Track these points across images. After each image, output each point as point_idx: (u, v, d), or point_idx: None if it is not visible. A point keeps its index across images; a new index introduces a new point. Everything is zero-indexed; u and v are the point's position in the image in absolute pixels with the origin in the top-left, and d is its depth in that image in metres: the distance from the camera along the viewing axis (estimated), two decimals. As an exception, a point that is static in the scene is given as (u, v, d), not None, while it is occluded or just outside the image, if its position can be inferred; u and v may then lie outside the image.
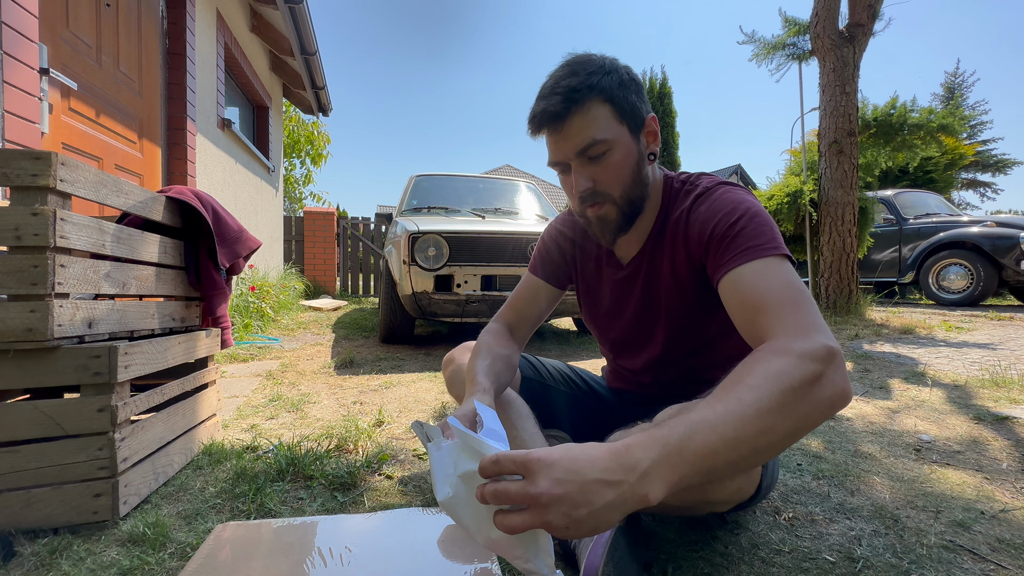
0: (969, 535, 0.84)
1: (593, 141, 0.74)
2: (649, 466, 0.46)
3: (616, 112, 0.75)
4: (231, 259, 1.26)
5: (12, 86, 1.55)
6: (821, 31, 3.98)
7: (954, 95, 19.14)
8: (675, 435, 0.47)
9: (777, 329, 0.58)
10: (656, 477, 0.46)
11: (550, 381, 1.05)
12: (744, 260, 0.68)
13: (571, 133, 0.74)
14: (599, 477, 0.45)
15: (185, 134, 2.85)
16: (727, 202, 0.75)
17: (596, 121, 0.74)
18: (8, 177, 0.77)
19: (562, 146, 0.76)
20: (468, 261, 2.54)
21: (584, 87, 0.73)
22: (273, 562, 0.74)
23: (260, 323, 3.41)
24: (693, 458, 0.46)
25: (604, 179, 0.77)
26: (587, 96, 0.73)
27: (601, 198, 0.78)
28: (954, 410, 1.57)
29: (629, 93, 0.76)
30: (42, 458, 0.82)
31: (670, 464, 0.46)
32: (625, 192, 0.78)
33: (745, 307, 0.65)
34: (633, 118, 0.76)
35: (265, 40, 4.71)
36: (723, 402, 0.49)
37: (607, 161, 0.76)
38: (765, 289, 0.63)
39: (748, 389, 0.50)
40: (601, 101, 0.74)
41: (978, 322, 3.51)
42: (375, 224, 7.17)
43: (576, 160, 0.76)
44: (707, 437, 0.47)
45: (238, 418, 1.52)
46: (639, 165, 0.79)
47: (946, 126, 4.30)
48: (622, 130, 0.76)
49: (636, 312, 0.91)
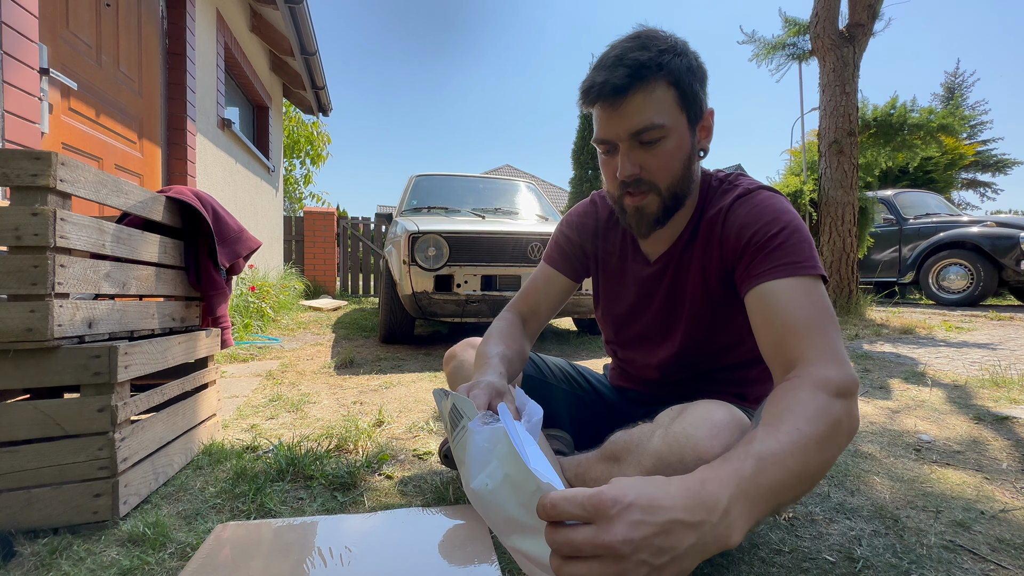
0: (969, 535, 0.84)
1: (651, 124, 0.69)
2: (729, 503, 0.41)
3: (679, 98, 0.70)
4: (231, 259, 1.26)
5: (12, 86, 1.55)
6: (821, 31, 3.98)
7: (954, 95, 19.13)
8: (747, 469, 0.44)
9: (810, 355, 0.59)
10: (737, 516, 0.42)
11: (552, 379, 1.05)
12: (779, 275, 0.66)
13: (629, 112, 0.69)
14: (680, 518, 0.39)
15: (185, 134, 2.85)
16: (769, 210, 0.72)
17: (658, 103, 0.69)
18: (8, 177, 0.77)
19: (616, 124, 0.71)
20: (468, 261, 2.54)
21: (654, 64, 0.68)
22: (273, 562, 0.74)
23: (260, 323, 3.41)
24: (768, 493, 0.44)
25: (653, 167, 0.72)
26: (654, 75, 0.68)
27: (645, 187, 0.74)
28: (954, 410, 1.57)
29: (695, 81, 0.72)
30: (42, 458, 0.82)
31: (749, 501, 0.43)
32: (672, 185, 0.74)
33: (774, 324, 0.64)
34: (694, 108, 0.72)
35: (265, 40, 4.71)
36: (785, 434, 0.48)
37: (660, 149, 0.71)
38: (798, 310, 0.63)
39: (807, 422, 0.50)
40: (667, 84, 0.69)
41: (978, 322, 3.51)
42: (375, 224, 7.17)
43: (627, 142, 0.71)
44: (777, 471, 0.45)
45: (238, 418, 1.52)
46: (690, 158, 0.75)
47: (946, 126, 4.30)
48: (681, 119, 0.72)
49: (659, 311, 0.88)
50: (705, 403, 0.67)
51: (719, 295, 0.80)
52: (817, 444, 0.49)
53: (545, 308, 0.98)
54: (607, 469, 0.74)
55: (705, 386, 0.89)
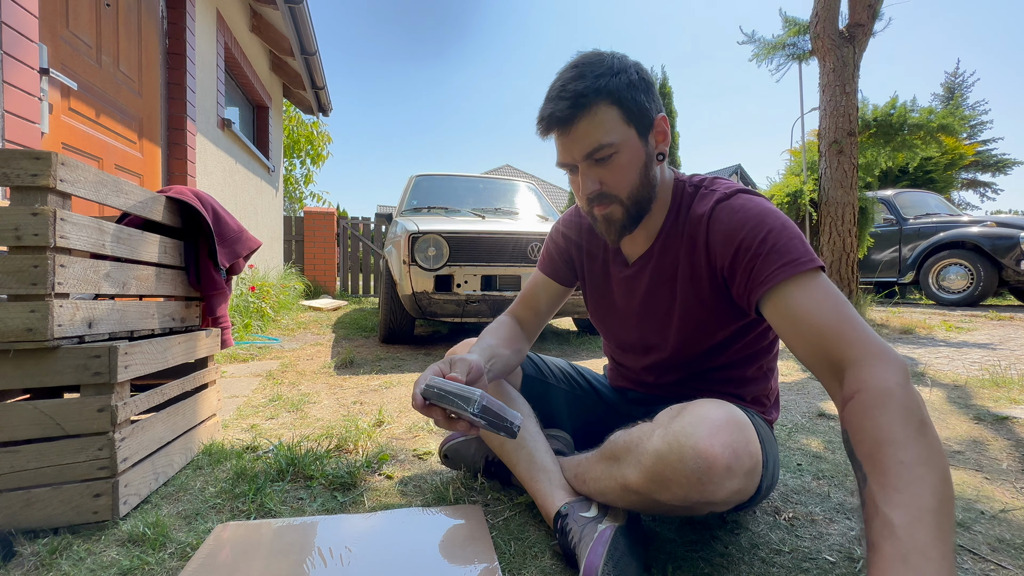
0: (969, 535, 0.84)
1: (600, 145, 0.74)
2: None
3: (624, 114, 0.74)
4: (231, 259, 1.26)
5: (12, 86, 1.55)
6: (821, 31, 3.98)
7: (954, 95, 19.14)
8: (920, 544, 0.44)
9: (856, 353, 0.60)
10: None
11: (552, 380, 1.05)
12: (783, 276, 0.67)
13: (578, 136, 0.75)
14: None
15: (185, 134, 2.85)
16: (753, 214, 0.74)
17: (603, 125, 0.74)
18: (8, 177, 0.77)
19: (570, 148, 0.77)
20: (468, 261, 2.54)
21: (591, 91, 0.72)
22: (273, 562, 0.74)
23: (260, 323, 3.41)
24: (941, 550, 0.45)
25: (611, 181, 0.77)
26: (594, 100, 0.73)
27: (608, 199, 0.79)
28: (954, 410, 1.57)
29: (638, 93, 0.75)
30: (42, 458, 0.82)
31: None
32: (632, 193, 0.78)
33: (803, 331, 0.65)
34: (641, 119, 0.76)
35: (265, 40, 4.71)
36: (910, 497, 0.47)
37: (614, 163, 0.76)
38: (819, 311, 0.64)
39: (920, 464, 0.49)
40: (608, 104, 0.73)
41: (978, 322, 3.51)
42: (375, 224, 7.17)
43: (584, 162, 0.77)
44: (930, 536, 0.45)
45: (238, 418, 1.52)
46: (647, 166, 0.78)
47: (946, 126, 4.30)
48: (630, 132, 0.76)
49: (640, 310, 0.90)
50: (704, 402, 0.67)
51: (709, 299, 0.81)
52: (940, 476, 0.48)
53: (541, 311, 1.03)
54: (607, 469, 0.74)
55: (701, 386, 0.89)
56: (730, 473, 0.60)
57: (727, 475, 0.60)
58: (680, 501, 0.64)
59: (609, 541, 0.68)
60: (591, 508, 0.76)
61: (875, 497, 0.49)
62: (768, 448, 0.74)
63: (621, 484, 0.71)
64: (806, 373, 2.13)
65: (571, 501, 0.79)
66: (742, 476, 0.62)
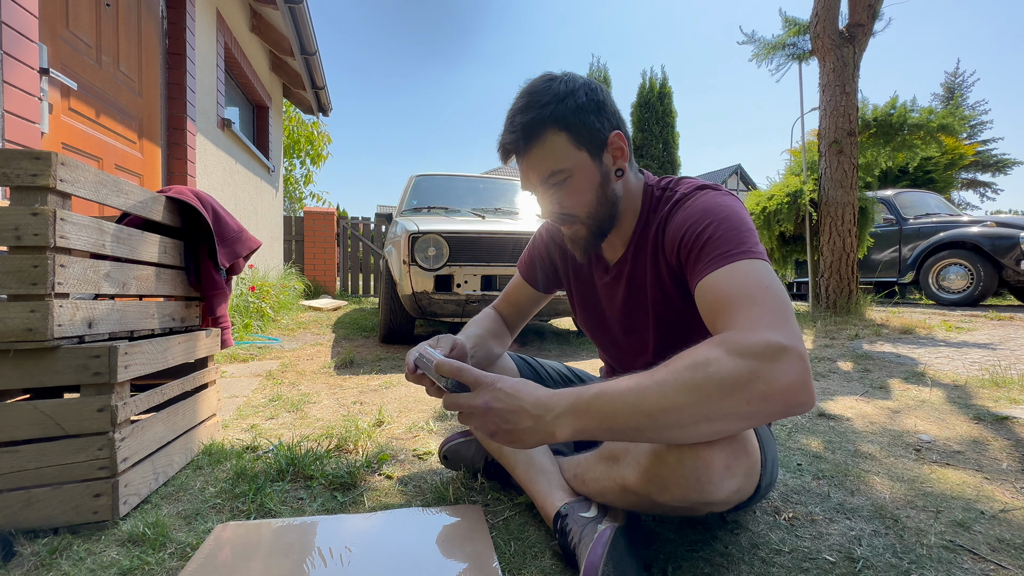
0: (969, 535, 0.84)
1: (552, 171, 0.76)
2: (560, 412, 0.61)
3: (573, 139, 0.75)
4: (231, 259, 1.26)
5: (12, 86, 1.55)
6: (821, 31, 3.98)
7: (954, 95, 19.14)
8: (587, 393, 0.59)
9: (728, 325, 0.59)
10: (564, 421, 0.60)
11: (548, 381, 1.06)
12: (713, 268, 0.68)
13: (531, 165, 0.77)
14: (526, 408, 0.63)
15: (185, 134, 2.85)
16: (696, 210, 0.75)
17: (553, 152, 0.75)
18: (8, 177, 0.77)
19: (527, 175, 0.80)
20: (468, 261, 2.54)
21: (536, 122, 0.74)
22: (273, 562, 0.74)
23: (260, 323, 3.41)
24: (596, 414, 0.58)
25: (568, 203, 0.79)
26: (541, 130, 0.74)
27: (569, 219, 0.81)
28: (954, 410, 1.57)
29: (587, 116, 0.75)
30: (42, 458, 0.82)
31: (576, 413, 0.59)
32: (591, 212, 0.80)
33: (708, 311, 0.66)
34: (592, 141, 0.76)
35: (265, 40, 4.71)
36: (639, 377, 0.58)
37: (569, 187, 0.78)
38: (727, 291, 0.64)
39: (663, 370, 0.57)
40: (556, 131, 0.74)
41: (978, 322, 3.51)
42: (375, 224, 7.17)
43: (540, 188, 0.79)
44: (611, 400, 0.57)
45: (238, 418, 1.52)
46: (603, 186, 0.79)
47: (946, 126, 4.29)
48: (581, 155, 0.76)
49: (622, 314, 0.91)
50: None
51: (676, 299, 0.81)
52: (660, 389, 0.55)
53: (522, 310, 1.08)
54: (606, 469, 0.75)
55: None
56: (728, 472, 0.60)
57: (725, 474, 0.60)
58: (679, 501, 0.64)
59: (609, 541, 0.68)
60: (591, 508, 0.76)
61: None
62: (766, 447, 0.74)
63: (620, 485, 0.71)
64: (806, 373, 2.13)
65: (571, 501, 0.79)
66: (741, 475, 0.62)
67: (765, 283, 0.62)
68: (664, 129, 13.38)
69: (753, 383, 0.52)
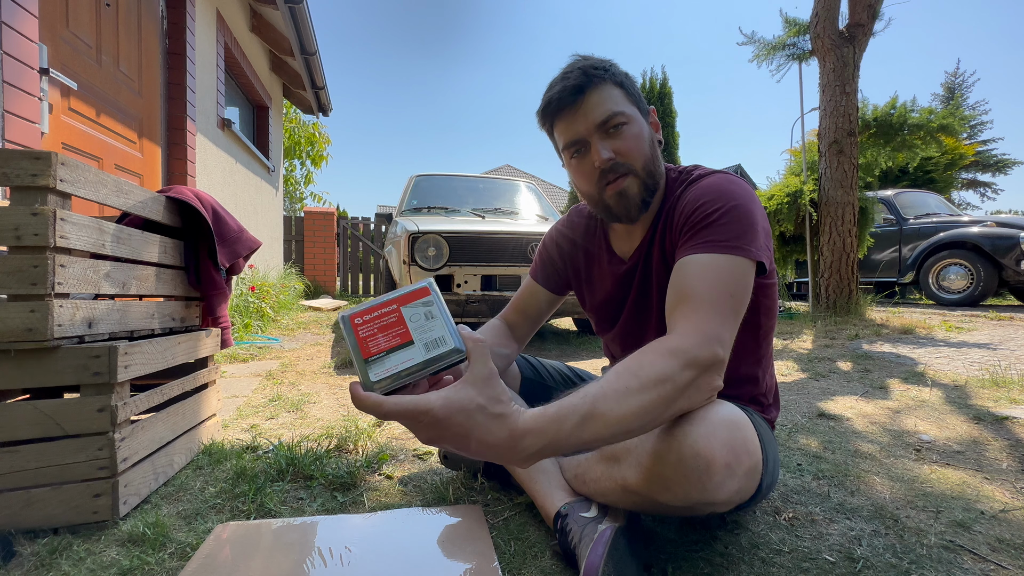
0: (969, 535, 0.84)
1: (612, 112, 0.77)
2: (533, 453, 0.52)
3: (627, 95, 0.80)
4: (231, 259, 1.26)
5: (12, 86, 1.55)
6: (821, 31, 3.98)
7: (954, 95, 19.14)
8: (565, 430, 0.53)
9: (686, 324, 0.62)
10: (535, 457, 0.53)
11: (549, 382, 1.06)
12: (700, 250, 0.69)
13: (589, 108, 0.77)
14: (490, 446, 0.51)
15: (185, 134, 2.85)
16: (712, 190, 0.76)
17: (612, 98, 0.78)
18: (8, 177, 0.77)
19: (580, 122, 0.78)
20: (468, 261, 2.54)
21: (601, 69, 0.78)
22: (273, 562, 0.74)
23: (260, 323, 3.41)
24: (572, 446, 0.53)
25: (624, 150, 0.78)
26: (602, 77, 0.78)
27: (623, 169, 0.79)
28: (954, 410, 1.57)
29: (633, 82, 0.83)
30: (42, 458, 0.82)
31: (551, 451, 0.53)
32: (646, 163, 0.80)
33: (676, 291, 0.68)
34: (640, 103, 0.82)
35: (265, 40, 4.71)
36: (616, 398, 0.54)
37: (626, 133, 0.78)
38: (700, 282, 0.66)
39: (640, 390, 0.55)
40: (613, 84, 0.79)
41: (978, 322, 3.51)
42: (375, 224, 7.17)
43: (596, 134, 0.78)
44: (592, 430, 0.53)
45: (238, 418, 1.52)
46: (653, 143, 0.82)
47: (946, 126, 4.29)
48: (635, 110, 0.81)
49: (632, 307, 0.91)
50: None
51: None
52: (637, 413, 0.55)
53: (532, 317, 1.04)
54: (607, 469, 0.74)
55: None
56: (730, 473, 0.60)
57: (727, 475, 0.60)
58: (680, 501, 0.64)
59: (609, 541, 0.68)
60: (591, 508, 0.76)
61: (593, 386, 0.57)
62: (768, 447, 0.74)
63: (621, 485, 0.71)
64: (806, 373, 2.13)
65: (571, 501, 0.79)
66: (742, 476, 0.62)
67: (731, 290, 0.66)
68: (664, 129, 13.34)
69: (690, 387, 0.58)
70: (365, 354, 0.51)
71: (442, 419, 0.49)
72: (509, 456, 0.52)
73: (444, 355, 0.51)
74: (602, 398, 0.55)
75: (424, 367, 0.51)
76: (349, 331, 0.51)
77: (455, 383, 0.52)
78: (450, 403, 0.49)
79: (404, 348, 0.51)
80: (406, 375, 0.51)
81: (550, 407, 0.54)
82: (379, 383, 0.50)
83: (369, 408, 0.48)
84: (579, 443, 0.54)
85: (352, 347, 0.51)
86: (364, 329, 0.51)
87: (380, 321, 0.52)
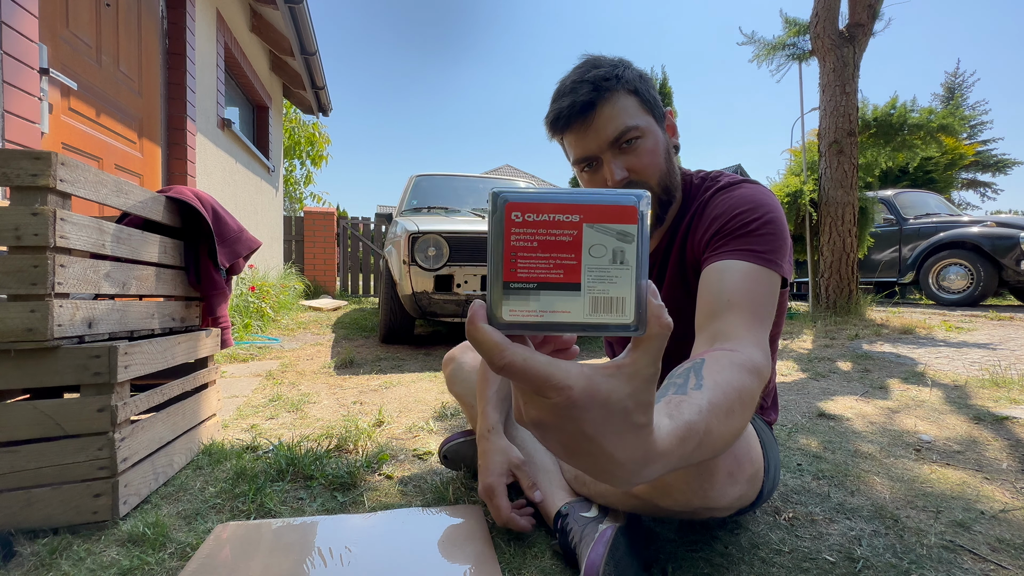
0: (969, 535, 0.84)
1: (626, 127, 0.73)
2: (650, 480, 0.39)
3: (641, 103, 0.75)
4: (231, 259, 1.26)
5: (12, 86, 1.55)
6: (821, 31, 3.98)
7: (954, 95, 19.14)
8: (685, 453, 0.42)
9: (744, 335, 0.60)
10: (643, 485, 0.48)
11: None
12: (742, 257, 0.67)
13: (601, 124, 0.73)
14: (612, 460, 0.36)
15: (185, 134, 2.85)
16: (749, 199, 0.74)
17: (625, 109, 0.73)
18: (8, 177, 0.77)
19: (592, 138, 0.74)
20: (468, 261, 2.54)
21: (612, 76, 0.73)
22: (273, 562, 0.74)
23: (260, 323, 3.41)
24: (683, 460, 0.44)
25: (639, 166, 0.75)
26: (615, 86, 0.73)
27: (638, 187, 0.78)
28: (954, 410, 1.57)
29: (648, 85, 0.77)
30: (42, 458, 0.82)
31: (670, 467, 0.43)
32: (662, 179, 0.77)
33: (719, 296, 0.65)
34: (656, 109, 0.77)
35: (265, 40, 4.71)
36: (721, 418, 0.47)
37: (640, 148, 0.74)
38: (747, 292, 0.64)
39: (740, 412, 0.49)
40: (627, 92, 0.74)
41: (978, 322, 3.51)
42: (375, 224, 7.17)
43: (609, 151, 0.75)
44: (699, 454, 0.45)
45: (238, 418, 1.52)
46: (669, 154, 0.78)
47: (946, 126, 4.30)
48: (650, 119, 0.76)
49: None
50: None
51: (695, 285, 0.79)
52: (734, 433, 0.50)
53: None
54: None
55: None
56: (732, 479, 0.60)
57: (729, 482, 0.60)
58: (682, 506, 0.63)
59: (610, 541, 0.68)
60: (591, 508, 0.76)
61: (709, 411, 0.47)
62: (769, 452, 0.74)
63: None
64: (806, 373, 2.13)
65: (571, 501, 0.79)
66: (744, 482, 0.61)
67: (767, 303, 0.65)
68: (664, 129, 13.35)
69: (756, 400, 0.55)
70: (508, 275, 0.32)
71: (577, 405, 0.32)
72: (623, 479, 0.36)
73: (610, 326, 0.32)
74: (713, 417, 0.46)
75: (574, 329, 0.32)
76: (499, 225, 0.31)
77: (603, 366, 0.34)
78: (594, 391, 0.32)
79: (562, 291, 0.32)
80: (545, 329, 0.32)
81: (678, 426, 0.42)
82: (508, 325, 0.32)
83: (486, 349, 0.31)
84: (684, 464, 0.44)
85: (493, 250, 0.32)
86: (521, 234, 0.32)
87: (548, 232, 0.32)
